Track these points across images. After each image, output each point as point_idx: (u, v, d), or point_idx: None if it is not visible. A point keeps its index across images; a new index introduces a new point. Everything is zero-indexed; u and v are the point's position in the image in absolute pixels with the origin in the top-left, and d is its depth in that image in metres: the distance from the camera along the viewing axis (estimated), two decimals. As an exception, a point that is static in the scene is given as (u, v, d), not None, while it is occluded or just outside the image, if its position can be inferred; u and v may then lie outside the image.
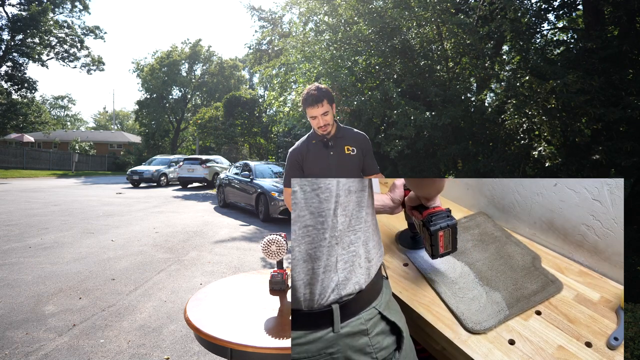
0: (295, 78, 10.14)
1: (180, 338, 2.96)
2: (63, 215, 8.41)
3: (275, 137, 20.53)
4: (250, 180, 9.43)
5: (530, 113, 6.58)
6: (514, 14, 7.31)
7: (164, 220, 8.18)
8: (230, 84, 35.58)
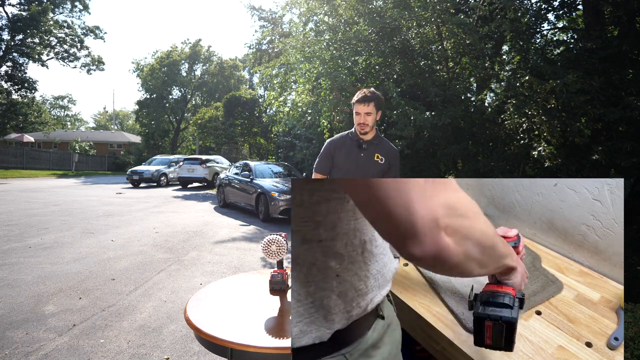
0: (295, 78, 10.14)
1: (180, 338, 2.96)
2: (63, 215, 8.41)
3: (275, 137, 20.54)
4: (250, 180, 9.43)
5: (530, 113, 6.58)
6: (514, 14, 7.32)
7: (164, 220, 8.18)
8: (230, 84, 35.58)
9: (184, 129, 37.22)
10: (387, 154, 2.37)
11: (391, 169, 2.38)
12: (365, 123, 2.30)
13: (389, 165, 2.37)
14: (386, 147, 2.39)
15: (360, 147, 2.34)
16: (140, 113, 34.91)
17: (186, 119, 36.63)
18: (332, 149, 2.41)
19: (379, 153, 2.35)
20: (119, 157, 35.24)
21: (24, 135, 30.64)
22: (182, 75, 35.45)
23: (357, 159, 2.33)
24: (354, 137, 2.38)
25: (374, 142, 2.37)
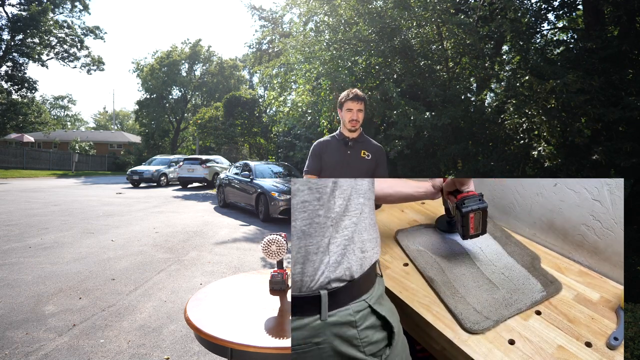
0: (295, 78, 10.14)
1: (180, 338, 2.96)
2: (63, 215, 8.41)
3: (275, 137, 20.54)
4: (250, 180, 9.43)
5: (530, 113, 6.58)
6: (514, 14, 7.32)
7: (164, 220, 8.18)
8: (230, 84, 35.58)
9: (184, 129, 37.22)
10: (373, 150, 2.44)
11: (379, 166, 2.45)
12: (357, 120, 2.37)
13: (376, 162, 2.44)
14: (372, 144, 2.47)
15: (347, 145, 2.41)
16: (140, 113, 34.90)
17: (186, 119, 36.63)
18: (320, 149, 2.47)
19: (365, 150, 2.43)
20: (119, 157, 35.23)
21: (24, 135, 30.63)
22: (182, 75, 35.44)
23: (344, 157, 2.40)
24: (340, 137, 2.45)
25: (360, 140, 2.44)
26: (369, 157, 2.41)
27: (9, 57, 25.55)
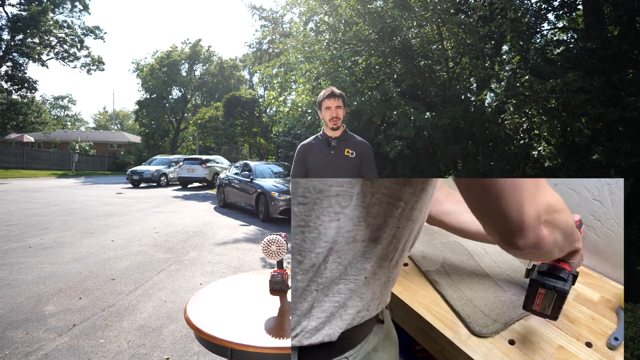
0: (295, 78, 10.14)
1: (180, 338, 2.96)
2: (63, 215, 8.41)
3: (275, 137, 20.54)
4: (250, 180, 9.43)
5: (530, 113, 6.58)
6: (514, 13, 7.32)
7: (164, 220, 8.18)
8: (230, 84, 35.57)
9: (184, 129, 37.21)
10: (357, 147, 2.40)
11: (364, 163, 2.40)
12: (337, 117, 2.33)
13: (361, 159, 2.39)
14: (355, 142, 2.42)
15: (330, 145, 2.37)
16: (140, 113, 34.89)
17: (186, 119, 36.62)
18: (304, 152, 2.45)
19: (349, 148, 2.38)
20: (119, 157, 35.22)
21: (24, 135, 30.62)
22: (182, 75, 35.43)
23: (327, 157, 2.37)
24: (323, 137, 2.42)
25: (343, 138, 2.40)
26: (353, 155, 2.37)
27: (9, 57, 25.55)
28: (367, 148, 2.43)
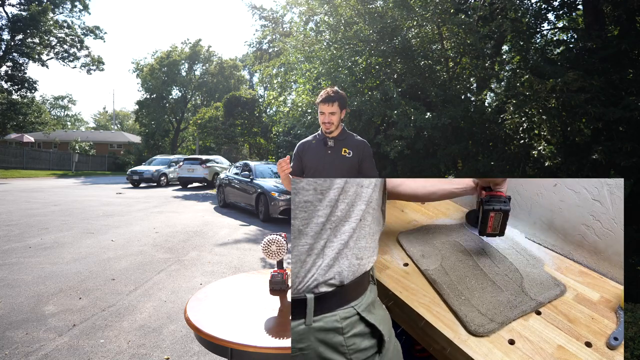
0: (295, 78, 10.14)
1: (180, 338, 2.96)
2: (63, 215, 8.41)
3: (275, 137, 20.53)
4: (250, 180, 9.43)
5: (530, 113, 6.58)
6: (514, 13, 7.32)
7: (164, 220, 8.18)
8: (230, 84, 35.57)
9: (184, 129, 37.22)
10: (355, 147, 2.38)
11: (363, 162, 2.39)
12: (330, 122, 2.32)
13: (359, 158, 2.38)
14: (353, 141, 2.41)
15: (327, 145, 2.37)
16: (140, 113, 34.89)
17: (186, 119, 36.62)
18: (301, 150, 2.45)
19: (346, 147, 2.37)
20: (119, 157, 35.22)
21: (24, 135, 30.64)
22: (182, 75, 35.42)
23: (324, 157, 2.36)
24: (320, 136, 2.42)
25: (340, 138, 2.39)
26: (350, 154, 2.36)
27: (9, 57, 25.56)
28: (365, 147, 2.42)
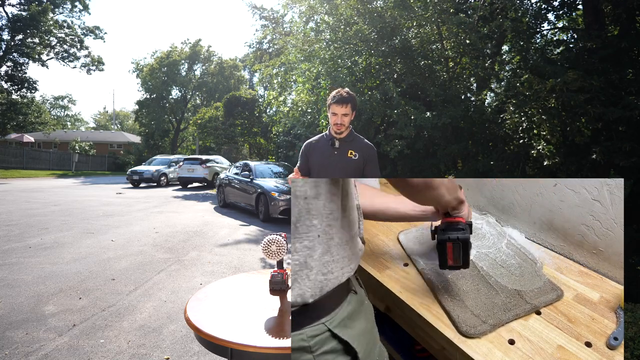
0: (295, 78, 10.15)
1: (180, 338, 2.96)
2: (63, 215, 8.41)
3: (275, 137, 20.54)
4: (250, 180, 9.43)
5: (530, 112, 6.58)
6: (514, 13, 7.32)
7: (164, 220, 8.18)
8: (230, 84, 35.55)
9: (184, 129, 37.21)
10: (361, 149, 2.40)
11: (368, 164, 2.40)
12: (342, 124, 2.33)
13: (364, 161, 2.39)
14: (360, 143, 2.42)
15: (333, 146, 2.38)
16: (140, 113, 34.88)
17: (186, 119, 36.61)
18: (308, 150, 2.47)
19: (352, 149, 2.39)
20: (119, 157, 35.22)
21: (24, 135, 30.62)
22: (182, 75, 35.41)
23: (330, 157, 2.38)
24: (328, 137, 2.43)
25: (347, 139, 2.40)
26: (356, 156, 2.37)
27: (9, 57, 25.55)
28: (371, 150, 2.43)
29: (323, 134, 2.50)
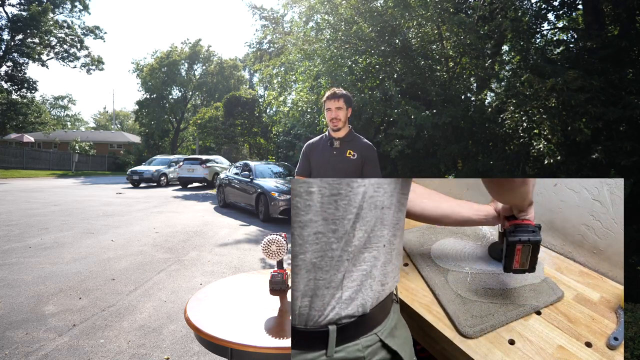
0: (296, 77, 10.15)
1: (180, 338, 2.96)
2: (63, 215, 8.41)
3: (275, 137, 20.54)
4: (250, 180, 9.43)
5: (531, 112, 6.58)
6: (514, 13, 7.32)
7: (164, 220, 8.18)
8: (230, 84, 35.54)
9: (184, 129, 37.20)
10: (361, 149, 2.39)
11: (367, 164, 2.39)
12: (338, 118, 2.34)
13: (363, 160, 2.38)
14: (359, 143, 2.42)
15: (332, 146, 2.39)
16: (140, 113, 34.87)
17: (186, 119, 36.61)
18: (308, 150, 2.48)
19: (351, 149, 2.38)
20: (119, 157, 35.21)
21: (24, 135, 30.62)
22: (181, 75, 35.41)
23: (330, 158, 2.38)
24: (327, 137, 2.44)
25: (347, 139, 2.40)
26: (355, 156, 2.36)
27: (9, 57, 25.55)
28: (371, 150, 2.41)
29: (323, 135, 2.51)
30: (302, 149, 2.54)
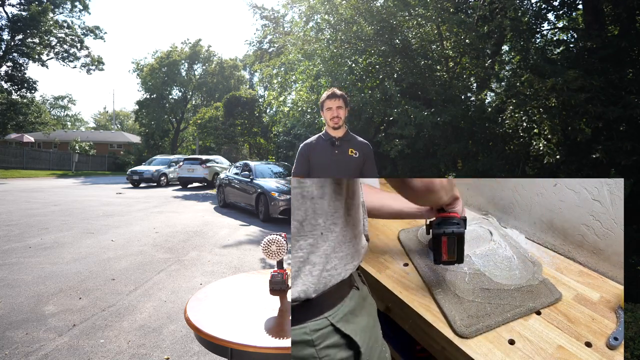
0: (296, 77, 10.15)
1: (180, 338, 2.96)
2: (63, 215, 8.41)
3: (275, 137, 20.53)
4: (250, 180, 9.43)
5: (531, 112, 6.58)
6: (514, 13, 7.32)
7: (164, 220, 8.18)
8: (230, 84, 35.55)
9: (184, 129, 37.21)
10: (360, 147, 2.46)
11: (367, 162, 2.46)
12: (338, 116, 2.38)
13: (364, 158, 2.45)
14: (358, 142, 2.48)
15: (334, 144, 2.42)
16: (140, 113, 34.87)
17: (186, 119, 36.61)
18: (307, 150, 2.49)
19: (353, 147, 2.44)
20: (119, 157, 35.21)
21: (24, 135, 30.63)
22: (182, 75, 35.42)
23: (332, 156, 2.41)
24: (326, 137, 2.47)
25: (346, 138, 2.46)
26: (357, 154, 2.43)
27: (9, 57, 25.55)
28: (369, 148, 2.50)
29: (320, 135, 2.52)
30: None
